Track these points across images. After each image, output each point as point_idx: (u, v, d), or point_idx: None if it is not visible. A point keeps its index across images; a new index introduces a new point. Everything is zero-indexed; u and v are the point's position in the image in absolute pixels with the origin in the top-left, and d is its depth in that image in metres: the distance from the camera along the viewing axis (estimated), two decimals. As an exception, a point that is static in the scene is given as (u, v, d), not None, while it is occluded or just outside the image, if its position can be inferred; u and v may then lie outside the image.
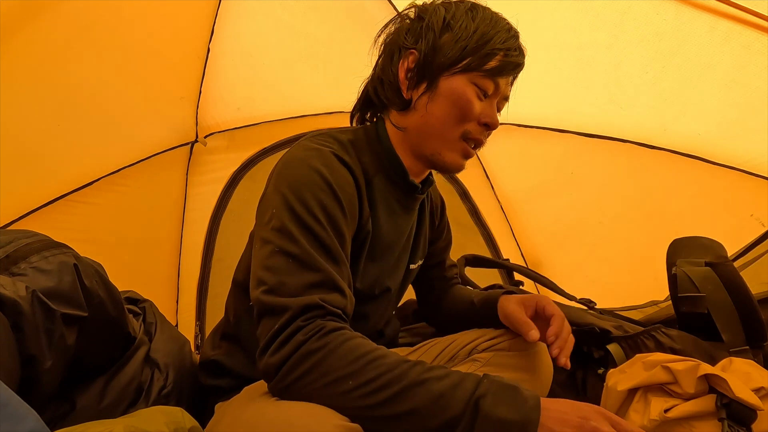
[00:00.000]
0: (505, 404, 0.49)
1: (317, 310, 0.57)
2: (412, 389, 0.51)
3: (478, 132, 0.75)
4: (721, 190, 1.55)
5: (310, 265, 0.60)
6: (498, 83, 0.74)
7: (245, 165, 1.95)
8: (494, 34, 0.73)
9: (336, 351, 0.54)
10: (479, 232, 2.05)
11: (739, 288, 0.91)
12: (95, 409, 0.72)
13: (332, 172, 0.68)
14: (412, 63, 0.75)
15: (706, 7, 1.21)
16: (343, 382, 0.52)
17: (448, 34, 0.73)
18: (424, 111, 0.75)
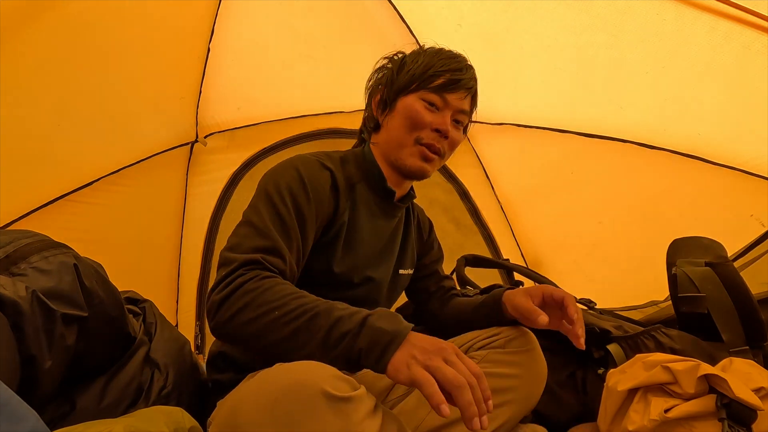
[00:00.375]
0: (386, 321, 0.62)
1: (257, 265, 0.71)
2: (321, 314, 0.63)
3: (431, 137, 0.90)
4: (721, 190, 1.55)
5: (264, 233, 0.75)
6: (445, 98, 0.90)
7: (245, 165, 1.95)
8: (437, 60, 0.91)
9: (268, 290, 0.67)
10: (479, 232, 2.05)
11: (739, 288, 0.91)
12: (95, 409, 0.72)
13: (308, 170, 0.84)
14: (379, 96, 0.96)
15: (706, 7, 1.21)
16: (270, 312, 0.64)
17: (404, 69, 0.93)
18: (387, 127, 0.94)
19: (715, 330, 0.91)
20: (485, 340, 0.88)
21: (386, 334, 0.60)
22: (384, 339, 0.60)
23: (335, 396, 0.51)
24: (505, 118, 1.87)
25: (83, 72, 1.38)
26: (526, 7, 1.44)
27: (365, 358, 0.60)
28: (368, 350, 0.60)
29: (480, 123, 1.94)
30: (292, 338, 0.63)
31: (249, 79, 1.81)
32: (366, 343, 0.60)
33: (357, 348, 0.60)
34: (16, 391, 0.48)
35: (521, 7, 1.44)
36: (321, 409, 0.51)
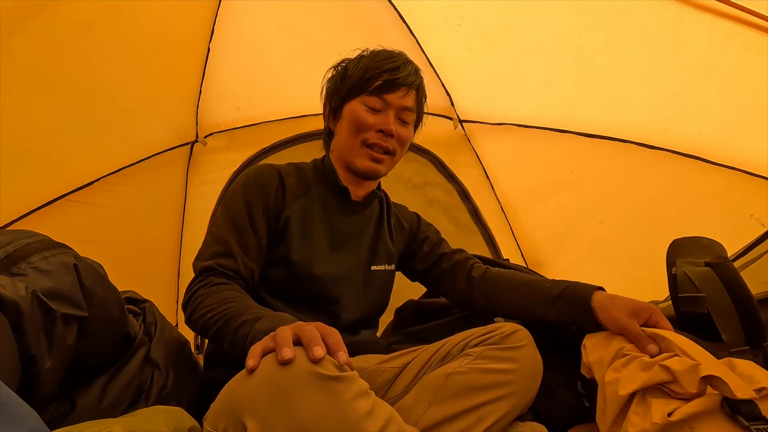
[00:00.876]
0: (269, 322, 0.70)
1: (211, 271, 0.86)
2: (233, 318, 0.75)
3: (376, 138, 0.95)
4: (721, 190, 1.55)
5: (219, 239, 0.91)
6: (384, 99, 0.95)
7: (245, 165, 1.95)
8: (373, 63, 0.95)
9: (209, 296, 0.81)
10: (479, 232, 2.05)
11: (739, 288, 0.91)
12: (95, 409, 0.72)
13: (257, 172, 0.97)
14: (328, 105, 1.04)
15: (706, 7, 1.21)
16: (205, 315, 0.79)
17: (346, 76, 0.99)
18: (337, 134, 1.01)
19: (715, 330, 0.91)
20: (481, 338, 0.89)
21: (267, 331, 0.66)
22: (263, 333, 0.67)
23: (325, 375, 0.53)
24: (505, 118, 1.86)
25: (83, 72, 1.38)
26: (527, 7, 1.44)
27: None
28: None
29: (480, 123, 1.94)
30: (216, 336, 0.77)
31: (249, 79, 1.81)
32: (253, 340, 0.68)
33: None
34: (16, 391, 0.48)
35: (521, 7, 1.44)
36: (311, 386, 0.53)
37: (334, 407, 0.53)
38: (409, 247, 1.14)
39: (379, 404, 0.60)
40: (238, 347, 0.71)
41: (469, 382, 0.81)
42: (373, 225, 1.07)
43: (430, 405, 0.80)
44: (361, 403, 0.56)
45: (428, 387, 0.82)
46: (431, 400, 0.80)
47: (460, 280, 1.08)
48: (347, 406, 0.54)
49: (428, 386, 0.82)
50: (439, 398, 0.80)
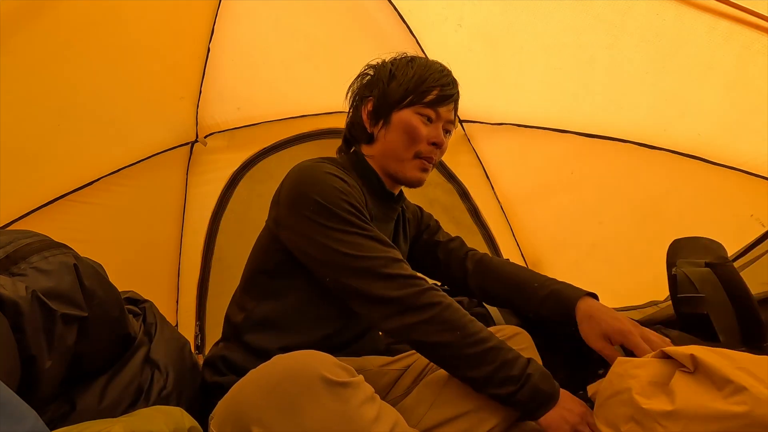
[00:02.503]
0: (544, 382, 0.74)
1: (433, 288, 0.78)
2: (493, 350, 0.74)
3: (428, 151, 0.95)
4: (721, 190, 1.55)
5: (397, 260, 0.81)
6: (438, 111, 0.95)
7: (245, 165, 1.95)
8: (428, 75, 0.95)
9: (448, 308, 0.76)
10: (479, 232, 2.05)
11: (738, 289, 0.91)
12: (95, 409, 0.72)
13: (342, 175, 0.87)
14: (370, 107, 0.98)
15: (706, 7, 1.21)
16: (453, 331, 0.74)
17: (394, 81, 0.95)
18: (383, 140, 0.96)
19: (715, 331, 0.91)
20: None
21: (544, 394, 0.72)
22: (541, 398, 0.72)
23: (333, 381, 0.53)
24: (505, 118, 1.86)
25: (83, 72, 1.38)
26: (526, 7, 1.43)
27: (521, 407, 0.73)
28: (525, 403, 0.72)
29: (480, 123, 1.94)
30: (465, 359, 0.73)
31: (249, 79, 1.81)
32: (525, 398, 0.71)
33: (516, 398, 0.71)
34: (16, 391, 0.48)
35: (521, 7, 1.44)
36: (319, 392, 0.53)
37: (342, 414, 0.53)
38: (414, 237, 1.15)
39: (385, 409, 0.60)
40: (497, 386, 0.73)
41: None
42: (395, 225, 1.07)
43: (431, 406, 0.80)
44: (369, 408, 0.56)
45: (430, 388, 0.82)
46: (432, 401, 0.80)
47: (455, 269, 1.10)
48: (355, 412, 0.54)
49: (430, 387, 0.82)
50: (440, 400, 0.80)
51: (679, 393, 0.61)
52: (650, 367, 0.71)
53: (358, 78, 1.03)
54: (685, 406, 0.58)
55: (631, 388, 0.68)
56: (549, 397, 0.72)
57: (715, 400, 0.57)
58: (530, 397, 0.71)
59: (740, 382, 0.56)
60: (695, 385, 0.60)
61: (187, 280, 1.93)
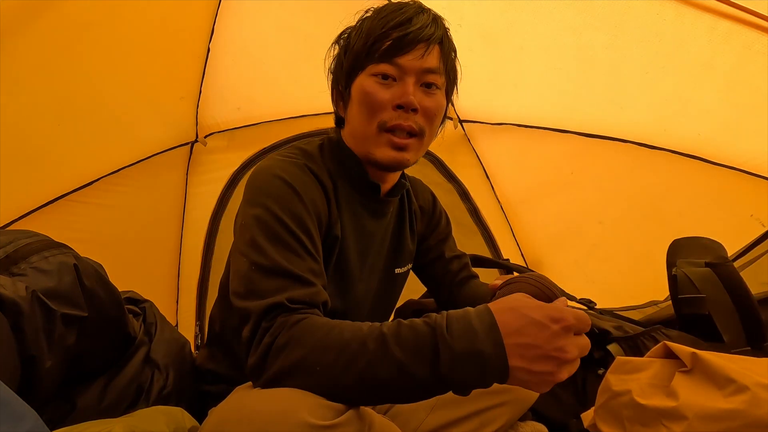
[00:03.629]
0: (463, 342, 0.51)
1: (279, 309, 0.59)
2: (375, 362, 0.53)
3: (395, 117, 0.73)
4: (721, 190, 1.55)
5: (277, 270, 0.62)
6: (396, 63, 0.73)
7: (245, 165, 1.95)
8: (377, 21, 0.74)
9: (300, 342, 0.56)
10: (479, 232, 2.04)
11: (739, 289, 0.91)
12: (95, 409, 0.72)
13: (294, 177, 0.71)
14: (334, 89, 0.82)
15: (706, 7, 1.21)
16: (312, 369, 0.54)
17: (348, 46, 0.78)
18: (348, 119, 0.80)
19: (715, 331, 0.91)
20: None
21: (479, 358, 0.51)
22: (481, 367, 0.51)
23: (317, 425, 0.48)
24: (505, 118, 1.86)
25: (83, 72, 1.37)
26: (526, 7, 1.43)
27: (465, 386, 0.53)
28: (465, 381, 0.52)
29: (480, 123, 1.94)
30: (357, 390, 0.54)
31: (249, 79, 1.80)
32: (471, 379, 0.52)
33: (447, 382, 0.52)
34: (16, 391, 0.48)
35: (521, 7, 1.44)
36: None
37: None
38: (421, 235, 1.01)
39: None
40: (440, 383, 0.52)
41: None
42: (396, 222, 0.92)
43: (432, 409, 0.79)
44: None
45: None
46: (433, 404, 0.79)
47: (444, 292, 1.01)
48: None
49: None
50: (441, 403, 0.79)
51: (681, 393, 0.61)
52: (650, 368, 0.71)
53: (328, 56, 0.86)
54: (688, 405, 0.59)
55: (632, 390, 0.68)
56: (487, 359, 0.50)
57: (717, 400, 0.57)
58: (460, 375, 0.51)
59: (743, 382, 0.56)
60: (696, 385, 0.61)
61: (187, 280, 1.93)
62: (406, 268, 0.96)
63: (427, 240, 1.02)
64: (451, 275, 1.00)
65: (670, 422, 0.60)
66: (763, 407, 0.53)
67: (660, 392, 0.65)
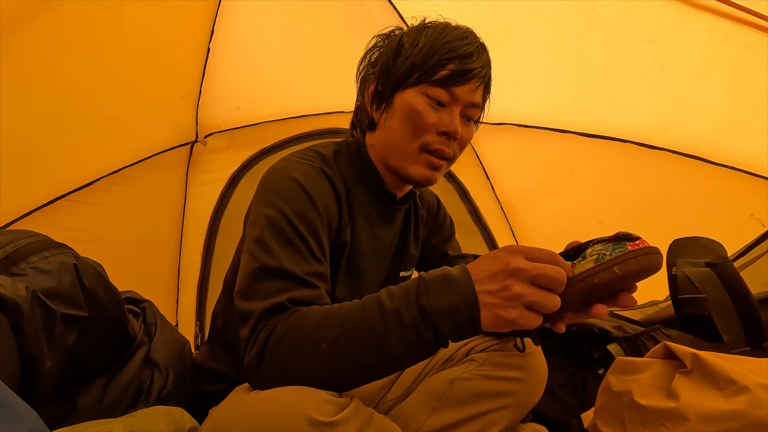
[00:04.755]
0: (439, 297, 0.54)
1: (278, 309, 0.60)
2: (374, 325, 0.55)
3: (438, 142, 0.76)
4: (721, 190, 1.55)
5: (281, 272, 0.63)
6: (452, 92, 0.75)
7: (245, 165, 1.95)
8: (441, 45, 0.75)
9: (300, 327, 0.57)
10: (479, 232, 2.05)
11: (739, 289, 0.91)
12: (95, 409, 0.72)
13: (310, 181, 0.72)
14: (373, 87, 0.81)
15: (706, 7, 1.21)
16: (317, 347, 0.55)
17: (401, 54, 0.77)
18: (384, 128, 0.79)
19: (715, 331, 0.91)
20: (487, 343, 0.88)
21: (456, 311, 0.53)
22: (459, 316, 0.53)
23: (319, 421, 0.49)
24: (505, 118, 1.86)
25: (83, 72, 1.37)
26: (526, 7, 1.43)
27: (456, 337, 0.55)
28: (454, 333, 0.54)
29: (480, 123, 1.94)
30: (357, 369, 0.55)
31: (249, 79, 1.80)
32: (448, 329, 0.54)
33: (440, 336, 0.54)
34: (16, 391, 0.48)
35: (521, 7, 1.44)
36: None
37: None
38: (425, 239, 1.03)
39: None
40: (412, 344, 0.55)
41: (474, 389, 0.80)
42: (402, 227, 0.93)
43: (433, 411, 0.78)
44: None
45: (431, 392, 0.80)
46: (435, 406, 0.79)
47: None
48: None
49: (431, 392, 0.81)
50: (442, 404, 0.79)
51: (682, 394, 0.61)
52: (650, 369, 0.71)
53: (367, 53, 0.86)
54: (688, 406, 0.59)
55: (632, 390, 0.68)
56: (460, 306, 0.53)
57: (717, 401, 0.57)
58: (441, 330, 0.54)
59: (743, 382, 0.56)
60: (697, 386, 0.61)
61: (187, 280, 1.93)
62: (409, 272, 0.98)
63: (429, 240, 1.03)
64: None
65: (670, 423, 0.60)
66: (764, 408, 0.53)
67: (660, 393, 0.65)
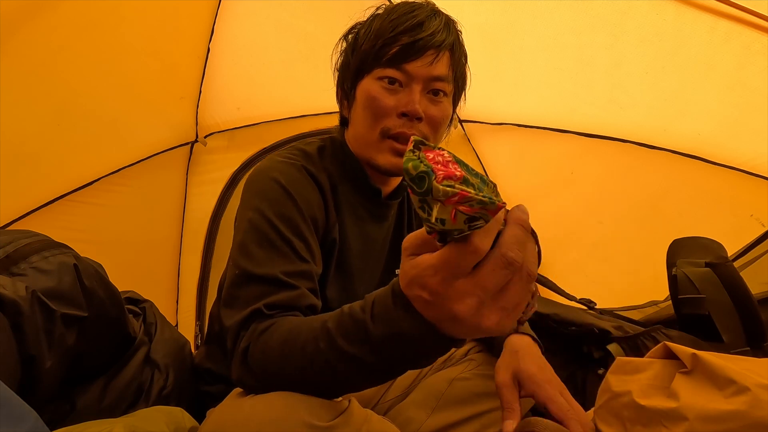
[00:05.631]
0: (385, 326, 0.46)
1: (255, 316, 0.59)
2: (332, 360, 0.50)
3: (399, 125, 0.72)
4: (721, 190, 1.55)
5: (260, 276, 0.62)
6: (404, 69, 0.71)
7: (245, 165, 1.95)
8: (387, 24, 0.72)
9: (265, 352, 0.55)
10: (479, 232, 2.04)
11: (739, 289, 0.91)
12: (95, 409, 0.72)
13: (290, 180, 0.70)
14: (339, 88, 0.80)
15: (706, 7, 1.21)
16: (283, 377, 0.53)
17: (356, 46, 0.76)
18: (353, 121, 0.78)
19: (715, 331, 0.91)
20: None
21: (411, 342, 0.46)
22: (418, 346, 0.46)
23: (317, 426, 0.48)
24: (505, 118, 1.86)
25: (83, 72, 1.37)
26: (526, 7, 1.43)
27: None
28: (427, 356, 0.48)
29: (480, 123, 1.94)
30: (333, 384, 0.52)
31: (249, 79, 1.80)
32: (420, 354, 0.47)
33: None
34: (16, 391, 0.48)
35: (521, 7, 1.44)
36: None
37: None
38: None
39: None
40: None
41: (473, 389, 0.80)
42: (396, 224, 0.91)
43: (432, 411, 0.78)
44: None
45: (431, 392, 0.80)
46: (434, 406, 0.79)
47: None
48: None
49: (431, 392, 0.81)
50: (441, 404, 0.79)
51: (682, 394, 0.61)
52: (650, 369, 0.71)
53: (335, 52, 0.84)
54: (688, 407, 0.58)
55: (632, 391, 0.68)
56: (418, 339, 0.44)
57: (717, 401, 0.57)
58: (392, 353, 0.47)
59: (743, 383, 0.56)
60: (697, 386, 0.61)
61: (187, 280, 1.93)
62: None
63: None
64: None
65: (670, 423, 0.60)
66: (764, 408, 0.53)
67: (660, 393, 0.65)
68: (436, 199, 0.35)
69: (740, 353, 0.88)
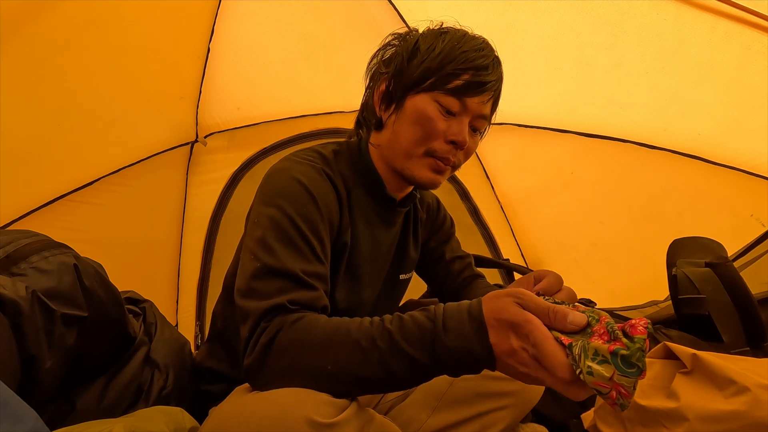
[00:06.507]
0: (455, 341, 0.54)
1: (279, 310, 0.61)
2: (387, 358, 0.55)
3: (444, 150, 0.76)
4: (721, 190, 1.55)
5: (282, 272, 0.64)
6: (464, 102, 0.75)
7: (245, 165, 1.95)
8: (458, 54, 0.75)
9: (306, 342, 0.57)
10: (479, 232, 2.04)
11: (739, 288, 0.91)
12: (95, 409, 0.72)
13: (312, 181, 0.73)
14: (384, 86, 0.80)
15: (706, 7, 1.21)
16: (322, 368, 0.56)
17: (416, 57, 0.77)
18: (392, 129, 0.79)
19: (715, 331, 0.91)
20: None
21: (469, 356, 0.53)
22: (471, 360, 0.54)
23: (319, 423, 0.49)
24: (505, 118, 1.86)
25: (83, 72, 1.37)
26: (526, 7, 1.43)
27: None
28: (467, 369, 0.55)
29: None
30: (361, 383, 0.56)
31: (249, 79, 1.80)
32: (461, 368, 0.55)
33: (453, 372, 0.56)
34: (16, 391, 0.48)
35: (521, 7, 1.44)
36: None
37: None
38: (424, 239, 1.02)
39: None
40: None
41: (474, 389, 0.80)
42: (402, 229, 0.93)
43: (433, 411, 0.79)
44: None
45: (431, 392, 0.80)
46: (435, 406, 0.79)
47: (448, 294, 1.01)
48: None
49: (431, 391, 0.81)
50: (442, 404, 0.79)
51: (682, 394, 0.61)
52: (651, 369, 0.71)
53: (380, 50, 0.85)
54: (689, 407, 0.59)
55: None
56: (478, 355, 0.53)
57: (717, 401, 0.57)
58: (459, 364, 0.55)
59: (743, 383, 0.56)
60: (697, 387, 0.61)
61: (187, 280, 1.93)
62: (409, 274, 0.98)
63: (428, 242, 1.03)
64: (454, 276, 1.01)
65: (670, 423, 0.60)
66: (764, 408, 0.53)
67: (660, 393, 0.65)
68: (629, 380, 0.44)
69: (740, 353, 0.88)
